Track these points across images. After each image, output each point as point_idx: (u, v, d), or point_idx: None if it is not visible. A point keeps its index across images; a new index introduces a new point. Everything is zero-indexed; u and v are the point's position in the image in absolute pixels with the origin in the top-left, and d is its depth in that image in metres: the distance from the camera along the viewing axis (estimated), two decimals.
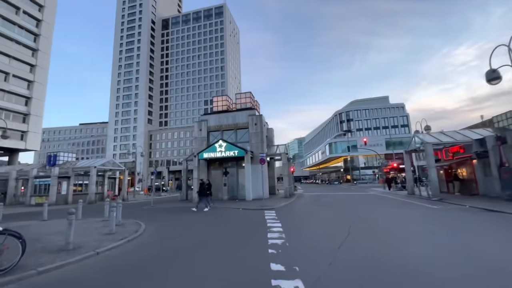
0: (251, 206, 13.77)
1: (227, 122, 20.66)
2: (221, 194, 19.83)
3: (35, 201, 23.50)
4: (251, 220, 9.67)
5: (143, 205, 18.81)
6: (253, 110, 20.33)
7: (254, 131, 19.74)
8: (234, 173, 19.81)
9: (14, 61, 41.11)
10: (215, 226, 8.80)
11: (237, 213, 11.83)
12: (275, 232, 6.98)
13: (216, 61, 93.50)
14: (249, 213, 11.50)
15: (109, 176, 29.01)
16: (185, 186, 21.67)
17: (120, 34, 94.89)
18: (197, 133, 21.19)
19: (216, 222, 9.69)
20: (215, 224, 9.21)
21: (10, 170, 25.72)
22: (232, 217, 10.55)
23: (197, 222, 9.61)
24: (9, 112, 39.95)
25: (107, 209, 10.19)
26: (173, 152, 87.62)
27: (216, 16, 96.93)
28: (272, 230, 7.28)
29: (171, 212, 13.70)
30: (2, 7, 39.51)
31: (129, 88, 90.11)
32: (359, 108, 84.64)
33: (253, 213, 11.58)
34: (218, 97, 22.20)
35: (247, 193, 17.66)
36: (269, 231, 7.24)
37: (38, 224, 9.75)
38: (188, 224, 9.34)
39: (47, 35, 46.47)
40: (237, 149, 18.13)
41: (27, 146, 41.95)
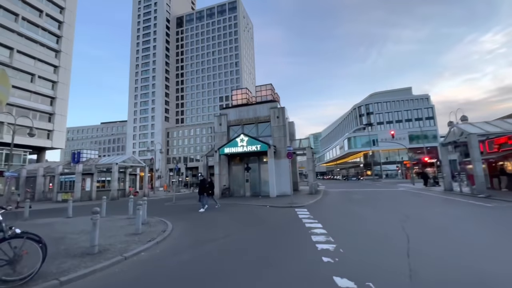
0: (278, 203, 12.94)
1: (248, 116, 19.88)
2: (243, 191, 19.17)
3: (61, 197, 24.05)
4: (284, 219, 8.83)
5: (164, 202, 18.56)
6: (275, 103, 19.39)
7: (276, 125, 18.82)
8: (256, 169, 19.06)
9: (39, 63, 42.55)
10: (247, 226, 8.03)
11: (266, 211, 11.04)
12: (319, 235, 6.09)
13: (231, 57, 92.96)
14: (279, 211, 10.67)
15: (130, 172, 29.28)
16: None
17: (137, 34, 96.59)
18: (217, 127, 20.59)
19: (246, 221, 8.93)
20: (246, 224, 8.45)
21: (38, 167, 26.54)
22: (262, 216, 9.75)
23: (226, 222, 8.90)
24: (36, 112, 41.53)
25: (131, 206, 9.75)
26: (190, 149, 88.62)
27: (230, 11, 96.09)
28: (315, 232, 6.39)
29: (195, 209, 13.16)
30: (26, 11, 40.85)
31: (146, 87, 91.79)
32: (379, 100, 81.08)
33: (283, 211, 10.73)
34: (237, 90, 21.45)
35: (271, 190, 16.85)
36: (311, 233, 6.35)
37: (63, 221, 9.48)
38: (217, 223, 8.66)
39: (68, 36, 47.75)
40: (260, 143, 17.32)
41: (53, 144, 43.56)
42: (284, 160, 18.30)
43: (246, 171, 18.39)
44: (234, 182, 19.65)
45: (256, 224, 8.16)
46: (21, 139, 38.82)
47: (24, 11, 40.42)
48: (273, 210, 11.23)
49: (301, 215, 9.13)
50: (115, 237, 6.33)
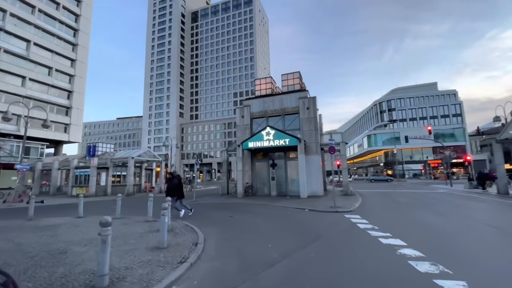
0: (317, 207, 11.05)
1: (273, 107, 17.99)
2: (268, 190, 17.38)
3: (76, 192, 23.22)
4: (342, 230, 6.93)
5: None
6: (304, 92, 17.39)
7: (306, 117, 16.84)
8: (282, 166, 17.21)
9: (56, 56, 42.39)
10: (297, 238, 6.21)
11: (308, 216, 9.16)
12: (418, 260, 4.19)
13: (246, 51, 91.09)
14: (327, 218, 8.77)
15: (146, 167, 28.22)
16: (226, 179, 19.60)
17: (152, 30, 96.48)
18: (238, 120, 18.86)
19: (292, 230, 7.07)
20: (294, 234, 6.61)
21: (53, 160, 25.89)
22: (309, 224, 7.86)
23: (267, 230, 7.12)
24: (53, 105, 41.46)
25: (150, 207, 8.18)
26: (204, 145, 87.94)
27: (245, 5, 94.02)
28: (408, 255, 4.49)
29: (220, 209, 11.51)
30: (43, 3, 40.60)
31: (161, 82, 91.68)
32: (402, 96, 76.91)
33: (331, 218, 8.83)
34: (261, 79, 19.58)
35: (301, 189, 14.96)
36: (403, 256, 4.46)
37: (71, 223, 8.02)
38: (256, 231, 6.90)
39: (85, 30, 47.44)
40: (288, 137, 15.43)
41: (70, 138, 43.49)
42: (315, 157, 16.35)
43: (271, 168, 16.58)
44: (257, 179, 17.90)
45: (308, 236, 6.29)
46: (38, 132, 38.81)
47: (41, 3, 40.15)
48: (316, 215, 9.35)
49: (361, 225, 7.22)
50: (133, 253, 4.69)
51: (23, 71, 37.42)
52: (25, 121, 19.15)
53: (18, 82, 37.13)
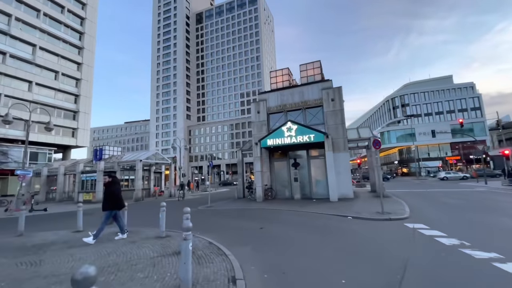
0: (360, 213, 9.24)
1: (293, 100, 16.25)
2: (289, 192, 15.64)
3: (83, 198, 21.99)
4: (427, 251, 5.11)
5: (196, 204, 15.53)
6: (328, 82, 15.58)
7: (331, 109, 15.03)
8: (305, 165, 15.44)
9: (62, 60, 41.78)
10: (370, 262, 4.46)
11: (359, 227, 7.30)
12: None
13: (252, 51, 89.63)
14: (385, 229, 6.94)
15: (154, 170, 26.88)
16: (241, 181, 17.93)
17: (157, 33, 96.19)
18: (254, 116, 17.19)
19: (356, 250, 5.33)
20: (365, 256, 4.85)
21: (59, 165, 24.79)
22: (374, 241, 6.03)
23: (321, 248, 5.37)
24: (60, 110, 40.81)
25: (163, 219, 6.55)
26: (211, 147, 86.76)
27: (250, 4, 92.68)
28: None
29: (243, 217, 9.84)
30: (48, 6, 40.05)
31: (167, 85, 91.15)
32: (416, 91, 73.99)
33: (389, 228, 7.01)
34: (277, 71, 17.89)
35: (330, 192, 13.14)
36: None
37: (65, 241, 6.47)
38: (307, 250, 5.16)
39: (91, 33, 46.84)
40: (313, 132, 13.66)
41: (77, 142, 42.77)
42: (343, 154, 14.51)
43: (293, 168, 14.83)
44: (277, 181, 16.17)
45: (390, 264, 4.45)
46: (46, 138, 38.12)
47: (46, 7, 39.60)
48: (369, 225, 7.53)
49: (442, 239, 5.41)
50: None
51: (29, 75, 36.83)
52: (27, 125, 17.99)
53: (25, 87, 36.54)
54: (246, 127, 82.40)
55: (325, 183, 14.97)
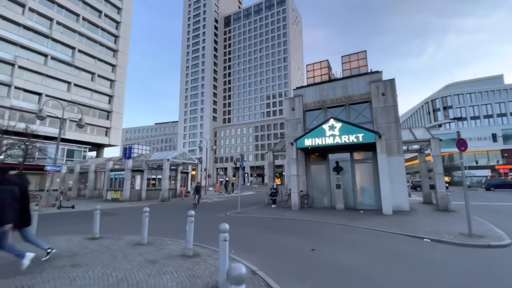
0: (436, 233, 7.10)
1: (334, 96, 14.30)
2: (329, 201, 13.65)
3: (111, 196, 21.86)
4: None
5: (223, 209, 14.17)
6: (377, 74, 13.43)
7: (381, 105, 12.85)
8: (348, 169, 13.37)
9: (99, 62, 43.63)
10: None
11: (452, 259, 5.31)
12: None
13: (279, 52, 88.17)
14: (492, 261, 4.91)
15: (181, 170, 26.26)
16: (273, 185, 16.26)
17: (187, 37, 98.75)
18: (287, 113, 15.50)
19: None
20: None
21: (91, 162, 25.13)
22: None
23: None
24: (95, 109, 42.52)
25: (190, 230, 5.09)
26: (236, 148, 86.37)
27: (278, 5, 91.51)
28: None
29: (282, 231, 8.18)
30: (86, 11, 42.08)
31: (195, 88, 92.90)
32: (460, 92, 67.09)
33: (496, 259, 4.96)
34: (315, 64, 16.05)
35: (384, 202, 10.97)
36: None
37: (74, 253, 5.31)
38: None
39: (125, 36, 48.58)
40: (362, 131, 11.61)
41: (110, 141, 44.25)
42: (397, 158, 12.23)
43: (335, 173, 12.85)
44: (314, 187, 14.27)
45: None
46: (82, 136, 39.75)
47: (85, 11, 41.60)
48: (457, 253, 5.47)
49: None
50: None
51: (69, 77, 38.74)
52: (61, 122, 18.04)
53: (64, 87, 38.48)
54: (272, 129, 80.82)
55: (373, 192, 12.79)
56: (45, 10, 36.49)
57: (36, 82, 35.12)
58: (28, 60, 34.53)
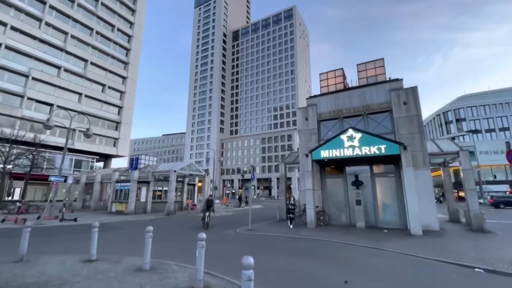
0: (494, 264, 6.03)
1: (351, 105, 13.53)
2: (347, 218, 12.57)
3: (116, 208, 21.18)
4: None
5: (232, 225, 13.19)
6: (397, 82, 12.64)
7: (403, 115, 11.98)
8: (368, 184, 12.35)
9: (110, 74, 44.36)
10: None
11: None
12: None
13: (286, 65, 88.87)
14: None
15: (188, 182, 25.54)
16: (285, 200, 15.28)
17: (196, 50, 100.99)
18: (300, 123, 14.74)
19: None
20: None
21: (97, 173, 24.70)
22: None
23: None
24: (104, 120, 42.80)
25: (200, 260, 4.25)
26: (243, 160, 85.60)
27: (286, 19, 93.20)
28: None
29: (305, 255, 7.22)
30: (100, 25, 43.30)
31: (203, 99, 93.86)
32: (473, 104, 65.43)
33: None
34: (329, 72, 15.43)
35: (412, 221, 9.87)
36: None
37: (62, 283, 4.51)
38: None
39: (136, 49, 49.62)
40: (385, 142, 10.71)
41: (118, 152, 44.18)
42: (424, 172, 11.20)
43: (355, 187, 11.86)
44: (330, 202, 13.23)
45: None
46: (90, 146, 39.77)
47: (98, 26, 42.77)
48: None
49: None
50: None
51: (80, 88, 39.32)
52: (68, 131, 17.76)
53: (75, 98, 38.97)
54: (279, 140, 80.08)
55: (396, 209, 11.69)
56: (60, 24, 37.63)
57: (48, 93, 35.67)
58: (41, 71, 35.27)
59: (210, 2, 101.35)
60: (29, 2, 35.21)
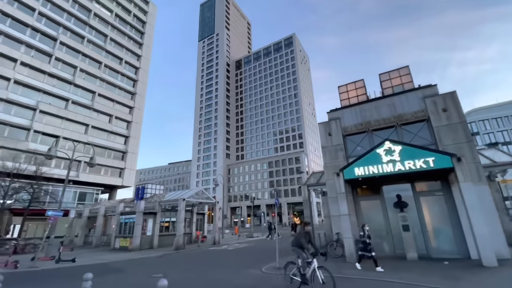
0: None
1: (379, 116, 12.19)
2: (392, 247, 10.57)
3: (119, 244, 19.22)
4: None
5: (254, 260, 11.18)
6: (433, 88, 11.36)
7: (444, 123, 10.52)
8: (411, 205, 10.52)
9: (117, 105, 44.61)
10: None
11: None
12: None
13: (289, 89, 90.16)
14: None
15: (197, 211, 23.66)
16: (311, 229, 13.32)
17: (201, 80, 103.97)
18: (324, 140, 13.32)
19: None
20: None
21: (100, 205, 23.08)
22: None
23: None
24: (111, 150, 42.07)
25: None
26: (251, 186, 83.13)
27: (286, 47, 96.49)
28: None
29: None
30: (109, 59, 44.51)
31: (209, 126, 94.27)
32: (485, 117, 63.92)
33: None
34: (349, 84, 14.32)
35: (482, 248, 7.93)
36: None
37: None
38: None
39: (143, 80, 50.54)
40: (433, 154, 9.12)
41: (123, 182, 42.77)
42: (480, 188, 9.44)
43: (399, 210, 10.06)
44: (371, 229, 11.28)
45: None
46: (94, 178, 38.51)
47: (107, 59, 43.90)
48: None
49: None
50: None
51: (87, 119, 39.19)
52: (70, 162, 16.63)
53: (82, 129, 38.66)
54: (287, 164, 78.19)
55: (451, 234, 9.74)
56: (70, 59, 38.62)
57: (55, 125, 35.43)
58: (49, 104, 35.38)
59: (213, 35, 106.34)
60: (40, 39, 36.48)
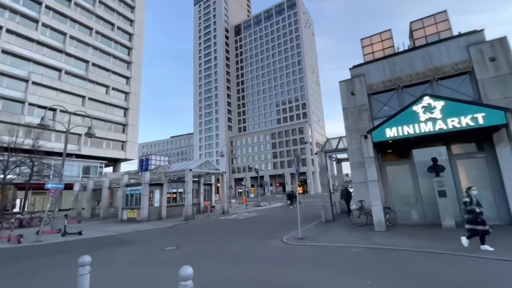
0: None
1: (412, 70, 10.61)
2: (421, 215, 9.72)
3: (127, 216, 18.84)
4: None
5: (270, 229, 10.49)
6: (478, 33, 9.63)
7: (492, 75, 9.02)
8: (447, 169, 9.44)
9: (113, 75, 42.30)
10: None
11: None
12: None
13: (292, 56, 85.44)
14: None
15: (204, 182, 23.06)
16: (328, 196, 12.48)
17: (198, 48, 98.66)
18: (346, 100, 11.87)
19: None
20: None
21: (104, 178, 22.46)
22: None
23: None
24: (110, 123, 40.80)
25: None
26: (254, 157, 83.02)
27: (288, 9, 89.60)
28: None
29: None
30: (99, 24, 41.15)
31: (209, 98, 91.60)
32: None
33: None
34: (373, 37, 12.45)
35: None
36: None
37: None
38: None
39: (138, 47, 47.42)
40: (483, 109, 7.78)
41: (126, 155, 42.19)
42: None
43: (434, 174, 9.01)
44: (394, 197, 10.41)
45: None
46: (97, 151, 37.77)
47: (98, 25, 40.63)
48: None
49: None
50: None
51: (83, 91, 37.34)
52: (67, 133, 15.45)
53: (78, 102, 37.01)
54: (290, 135, 77.02)
55: (492, 199, 8.78)
56: (58, 24, 35.61)
57: (50, 97, 33.74)
58: (42, 75, 33.35)
59: None
60: (24, 3, 33.24)
